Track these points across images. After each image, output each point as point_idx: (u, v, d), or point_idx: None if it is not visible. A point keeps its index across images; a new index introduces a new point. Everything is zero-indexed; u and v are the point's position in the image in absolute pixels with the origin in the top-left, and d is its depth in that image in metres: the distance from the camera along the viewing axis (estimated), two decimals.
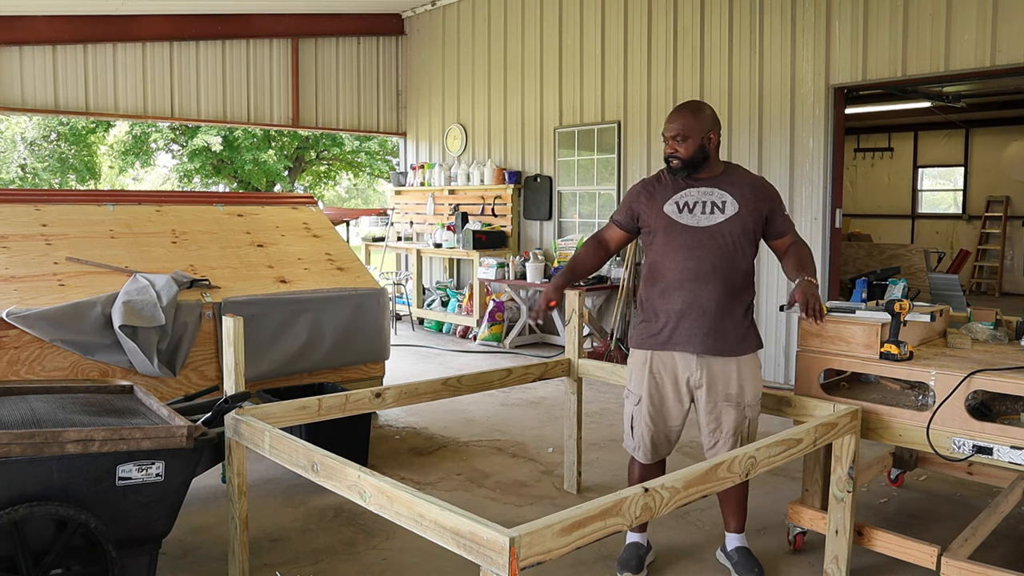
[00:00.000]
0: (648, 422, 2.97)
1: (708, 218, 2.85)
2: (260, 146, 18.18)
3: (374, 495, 2.08)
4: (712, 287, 2.83)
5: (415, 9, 9.71)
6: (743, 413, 2.87)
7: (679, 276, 2.86)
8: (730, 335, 2.86)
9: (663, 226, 2.89)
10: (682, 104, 2.94)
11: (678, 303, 2.86)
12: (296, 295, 4.66)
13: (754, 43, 6.33)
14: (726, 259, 2.84)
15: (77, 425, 2.55)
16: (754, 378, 2.91)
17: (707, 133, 2.84)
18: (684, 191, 2.89)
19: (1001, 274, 12.63)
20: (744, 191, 2.87)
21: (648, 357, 2.95)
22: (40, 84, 7.95)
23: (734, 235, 2.84)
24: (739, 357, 2.87)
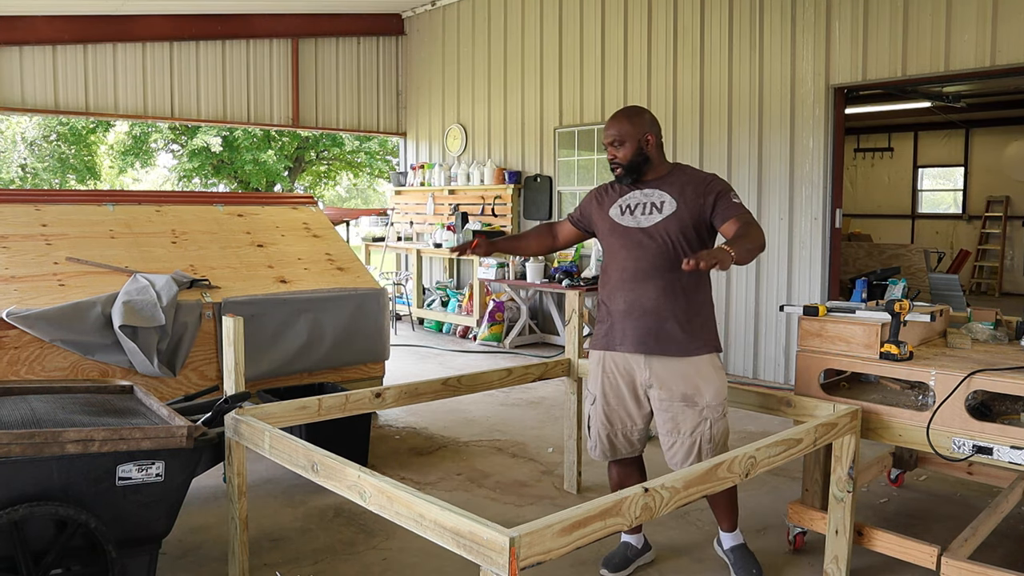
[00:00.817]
0: (603, 421, 2.97)
1: (647, 219, 2.84)
2: (260, 146, 18.19)
3: (374, 495, 2.08)
4: (651, 286, 2.80)
5: (415, 9, 9.71)
6: (701, 415, 2.80)
7: (620, 277, 2.87)
8: (675, 335, 2.79)
9: (607, 229, 2.93)
10: (617, 111, 2.97)
11: (621, 303, 2.86)
12: (296, 295, 4.66)
13: (754, 43, 6.33)
14: (665, 258, 2.80)
15: (77, 425, 2.54)
16: (713, 379, 2.82)
17: (643, 136, 2.86)
18: (629, 194, 2.93)
19: (1001, 274, 12.63)
20: (684, 189, 2.84)
21: (601, 357, 2.96)
22: (40, 84, 7.96)
23: (672, 234, 2.80)
24: (690, 358, 2.80)
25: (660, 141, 2.93)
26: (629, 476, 3.09)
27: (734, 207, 2.79)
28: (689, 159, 6.85)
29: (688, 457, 2.82)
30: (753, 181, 6.40)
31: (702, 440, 2.81)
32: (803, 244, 6.11)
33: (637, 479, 3.07)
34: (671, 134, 6.98)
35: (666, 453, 2.90)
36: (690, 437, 2.81)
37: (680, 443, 2.83)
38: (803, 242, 6.11)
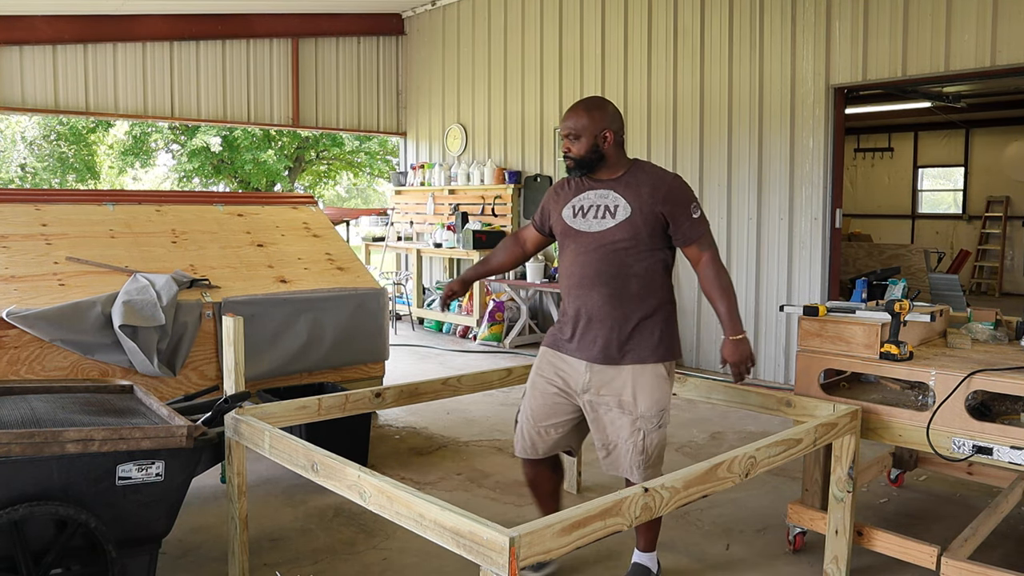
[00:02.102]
0: (529, 416, 2.89)
1: (599, 223, 2.72)
2: (260, 146, 18.18)
3: (374, 495, 2.08)
4: (598, 293, 2.71)
5: (415, 9, 9.71)
6: (635, 424, 2.69)
7: (568, 281, 2.79)
8: (616, 343, 2.70)
9: (560, 230, 2.83)
10: (578, 101, 2.81)
11: (570, 308, 2.80)
12: (296, 295, 4.66)
13: (754, 43, 6.33)
14: (612, 264, 2.69)
15: (77, 425, 2.54)
16: (652, 390, 2.70)
17: (601, 132, 2.70)
18: (583, 194, 2.79)
19: (1001, 274, 12.63)
20: (641, 192, 2.69)
21: (543, 353, 2.91)
22: (40, 84, 7.95)
23: (622, 241, 2.68)
24: (630, 366, 2.70)
25: (620, 138, 2.76)
26: (542, 472, 3.00)
27: (693, 227, 2.72)
28: (689, 159, 6.85)
29: (620, 466, 2.74)
30: (753, 181, 6.40)
31: (634, 451, 2.70)
32: (803, 244, 6.11)
33: (550, 475, 3.02)
34: (671, 134, 6.98)
35: (601, 461, 2.81)
36: (624, 445, 2.71)
37: (612, 452, 2.75)
38: (803, 242, 6.11)
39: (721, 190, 6.63)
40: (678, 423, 5.18)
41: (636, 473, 2.71)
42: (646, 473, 2.72)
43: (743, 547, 3.31)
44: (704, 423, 5.18)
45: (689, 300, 6.93)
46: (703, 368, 6.81)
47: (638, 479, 2.69)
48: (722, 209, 6.63)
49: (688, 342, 6.97)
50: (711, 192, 6.71)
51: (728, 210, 6.59)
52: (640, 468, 2.71)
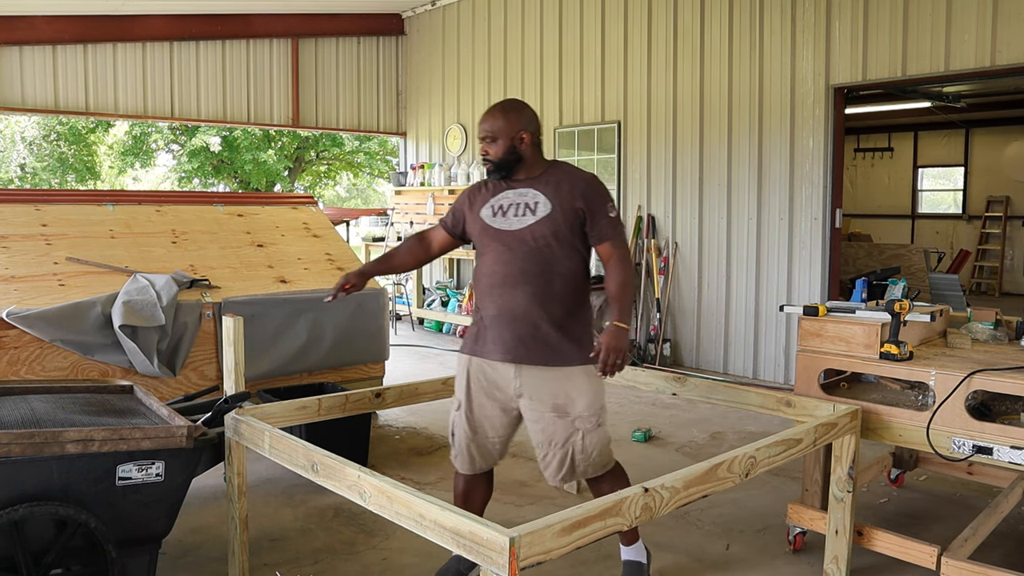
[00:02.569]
0: (466, 429, 2.79)
1: (519, 220, 2.70)
2: (260, 146, 18.18)
3: (374, 495, 2.08)
4: (521, 292, 2.65)
5: (415, 9, 9.71)
6: (573, 425, 2.65)
7: (489, 281, 2.73)
8: (546, 344, 2.65)
9: (479, 230, 2.78)
10: (495, 104, 2.80)
11: (491, 308, 2.72)
12: (296, 295, 4.66)
13: (754, 43, 6.33)
14: (536, 263, 2.66)
15: (77, 425, 2.54)
16: (586, 390, 2.67)
17: (518, 134, 2.70)
18: (502, 194, 2.77)
19: (1001, 274, 12.63)
20: (560, 189, 2.70)
21: (468, 362, 2.80)
22: (40, 84, 7.95)
23: (545, 237, 2.66)
24: (562, 368, 2.66)
25: (538, 139, 2.77)
26: (476, 486, 2.91)
27: (610, 225, 2.71)
28: (689, 159, 6.85)
29: (561, 469, 2.69)
30: (753, 181, 6.40)
31: (574, 451, 2.67)
32: (803, 244, 6.11)
33: (483, 490, 2.93)
34: (671, 134, 6.98)
35: (540, 463, 2.76)
36: (562, 448, 2.67)
37: (552, 454, 2.69)
38: (803, 242, 6.11)
39: (721, 190, 6.63)
40: (678, 423, 5.18)
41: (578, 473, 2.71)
42: (587, 472, 2.73)
43: (743, 547, 3.31)
44: (704, 423, 5.18)
45: (689, 300, 6.93)
46: (703, 368, 6.82)
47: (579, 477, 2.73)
48: (722, 209, 6.63)
49: (688, 342, 6.97)
50: (711, 192, 6.71)
51: (728, 210, 6.59)
52: (581, 467, 2.69)
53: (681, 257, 6.98)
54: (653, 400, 5.71)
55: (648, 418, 5.29)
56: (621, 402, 5.70)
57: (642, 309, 7.22)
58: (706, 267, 6.80)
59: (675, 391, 3.39)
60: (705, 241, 6.79)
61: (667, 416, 5.36)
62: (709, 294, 6.80)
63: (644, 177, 7.25)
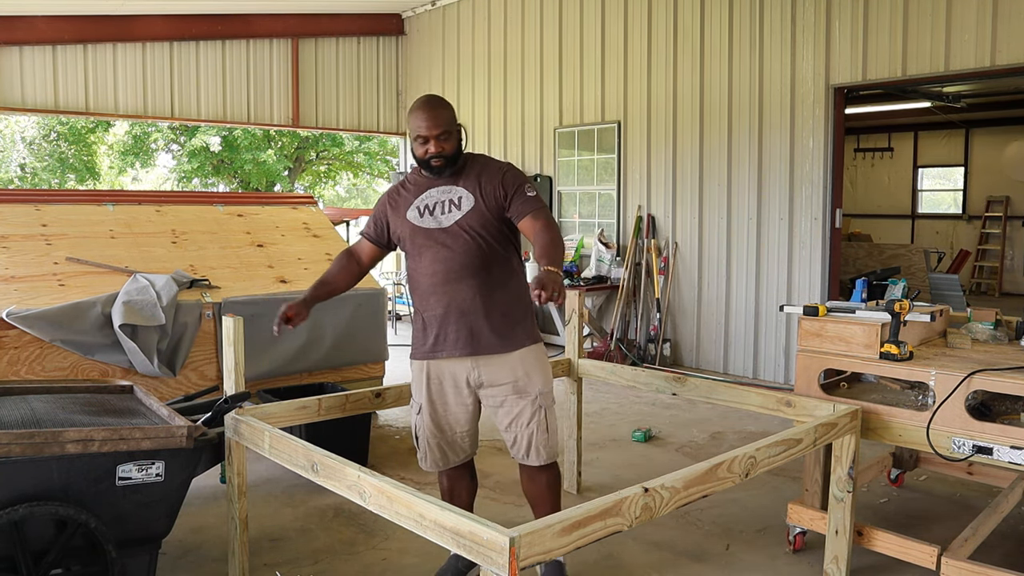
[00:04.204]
0: (431, 429, 2.84)
1: (448, 217, 2.71)
2: (260, 146, 18.17)
3: (374, 495, 2.08)
4: (466, 286, 2.69)
5: (415, 9, 9.71)
6: (535, 403, 2.74)
7: (431, 281, 2.74)
8: (496, 332, 2.71)
9: (408, 233, 2.77)
10: (430, 99, 2.73)
11: (437, 308, 2.73)
12: (296, 295, 4.63)
13: (754, 43, 6.33)
14: (474, 255, 2.69)
15: (77, 425, 2.54)
16: (540, 367, 2.78)
17: (458, 126, 2.74)
18: (424, 193, 2.77)
19: (1001, 274, 12.63)
20: (480, 179, 2.73)
21: (424, 365, 2.82)
22: (40, 84, 7.95)
23: (475, 229, 2.69)
24: (515, 352, 2.73)
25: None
26: (460, 481, 2.97)
27: (530, 201, 2.72)
28: (689, 159, 6.85)
29: (530, 448, 2.76)
30: (753, 181, 6.40)
31: (538, 430, 2.75)
32: (803, 244, 6.11)
33: (468, 484, 2.99)
34: (671, 134, 6.98)
35: (511, 449, 2.82)
36: (527, 427, 2.75)
37: (521, 435, 2.76)
38: (803, 242, 6.11)
39: (721, 190, 6.63)
40: (678, 423, 5.18)
41: (544, 452, 2.76)
42: (551, 451, 2.79)
43: (743, 547, 3.31)
44: (704, 423, 5.18)
45: (689, 300, 6.93)
46: (703, 368, 6.81)
47: (545, 459, 2.77)
48: (722, 209, 6.63)
49: (688, 342, 6.97)
50: (711, 192, 6.71)
51: (728, 210, 6.59)
52: (545, 447, 2.76)
53: (681, 257, 6.98)
54: (653, 400, 5.71)
55: (648, 418, 5.29)
56: (621, 402, 5.70)
57: (642, 309, 7.22)
58: (706, 267, 6.80)
59: (675, 391, 3.39)
60: (705, 241, 6.79)
61: (667, 416, 5.36)
62: (709, 294, 6.80)
63: (644, 177, 7.25)
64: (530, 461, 2.79)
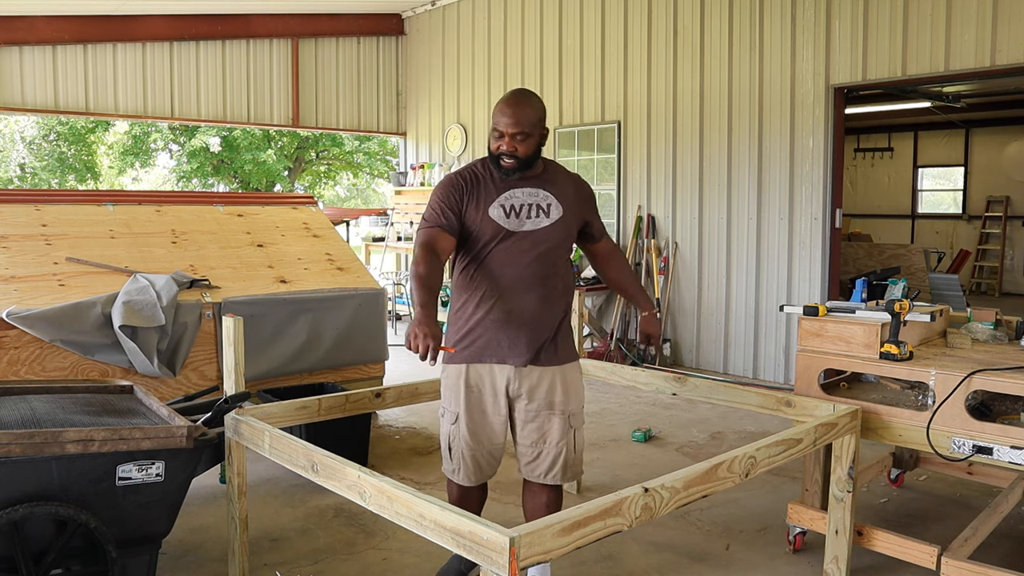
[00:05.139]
0: (469, 441, 2.68)
1: (533, 222, 2.62)
2: (260, 146, 18.17)
3: (374, 495, 2.08)
4: (534, 295, 2.63)
5: (415, 9, 9.71)
6: (568, 423, 2.67)
7: (497, 283, 2.62)
8: (551, 344, 2.67)
9: (489, 231, 2.60)
10: (518, 94, 2.58)
11: (498, 312, 2.62)
12: (296, 295, 4.65)
13: (754, 43, 6.33)
14: (547, 265, 2.65)
15: (77, 425, 2.54)
16: (577, 386, 2.73)
17: (543, 129, 2.61)
18: (509, 192, 2.62)
19: (1001, 274, 12.63)
20: (567, 191, 2.68)
21: (464, 371, 2.67)
22: (40, 84, 7.95)
23: (556, 240, 2.65)
24: (561, 366, 2.69)
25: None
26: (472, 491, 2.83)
27: (602, 224, 2.89)
28: (689, 159, 6.85)
29: (554, 467, 2.67)
30: (753, 181, 6.40)
31: (568, 450, 2.67)
32: (803, 244, 6.11)
33: (479, 495, 2.87)
34: (671, 134, 6.98)
35: (527, 466, 2.71)
36: (555, 447, 2.66)
37: (546, 452, 2.67)
38: (803, 242, 6.11)
39: (721, 190, 6.63)
40: (678, 423, 5.18)
41: (569, 472, 2.70)
42: (575, 471, 2.74)
43: (743, 547, 3.31)
44: (704, 423, 5.18)
45: (689, 300, 6.93)
46: (703, 368, 6.81)
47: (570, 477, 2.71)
48: (722, 209, 6.63)
49: (688, 342, 6.97)
50: (711, 192, 6.71)
51: (728, 210, 6.59)
52: (572, 466, 2.71)
53: (681, 257, 6.98)
54: (653, 400, 5.71)
55: (648, 418, 5.29)
56: (621, 402, 5.70)
57: None
58: (706, 267, 6.80)
59: (675, 391, 3.39)
60: (705, 241, 6.79)
61: (667, 416, 5.36)
62: (709, 294, 6.79)
63: (644, 177, 7.25)
64: (548, 480, 2.69)
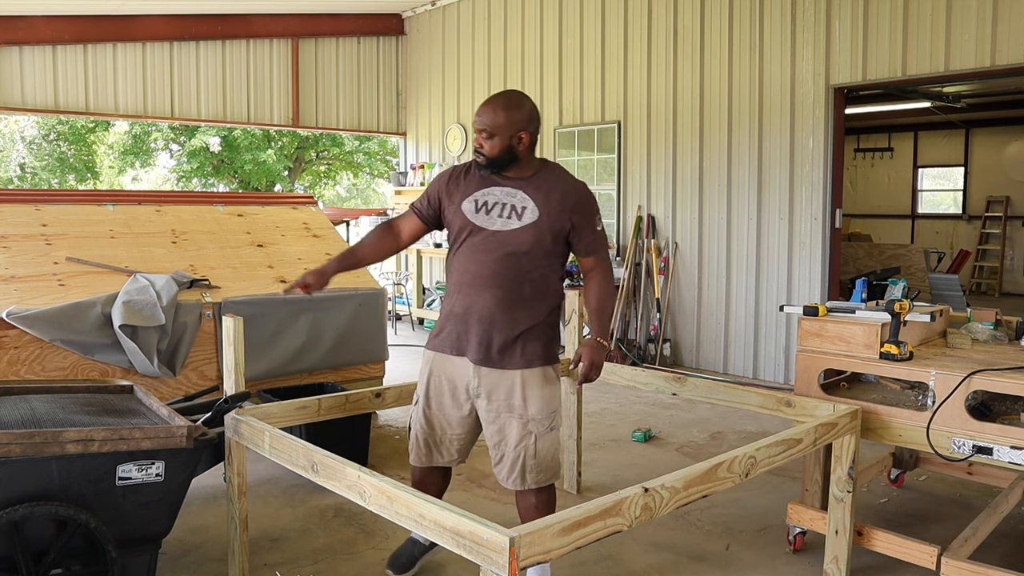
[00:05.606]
0: (423, 423, 2.78)
1: (503, 222, 2.62)
2: (260, 146, 18.17)
3: (374, 495, 2.08)
4: (489, 295, 2.62)
5: (415, 9, 9.71)
6: (526, 428, 2.63)
7: (460, 278, 2.68)
8: (507, 346, 2.63)
9: (458, 224, 2.68)
10: (496, 96, 2.64)
11: (458, 307, 2.68)
12: (296, 295, 4.65)
13: (754, 43, 6.33)
14: (513, 268, 2.61)
15: (77, 425, 2.54)
16: (541, 394, 2.66)
17: (517, 133, 2.58)
18: (487, 188, 2.66)
19: (1001, 274, 12.63)
20: (550, 197, 2.62)
21: (431, 358, 2.77)
22: (40, 84, 7.95)
23: (525, 244, 2.60)
24: (519, 370, 2.64)
25: (535, 139, 2.66)
26: (431, 475, 2.90)
27: (597, 239, 2.72)
28: (689, 159, 6.85)
29: (512, 471, 2.66)
30: (753, 181, 6.40)
31: (526, 455, 2.65)
32: (803, 244, 6.11)
33: (438, 481, 2.92)
34: (671, 134, 6.98)
35: (495, 468, 2.74)
36: (514, 451, 2.65)
37: (506, 456, 2.67)
38: (803, 242, 6.11)
39: (721, 190, 6.63)
40: (678, 423, 5.18)
41: (529, 478, 2.66)
42: (539, 477, 2.68)
43: (743, 547, 3.31)
44: (704, 423, 5.18)
45: (689, 300, 6.93)
46: (703, 368, 6.81)
47: (531, 484, 2.67)
48: (722, 209, 6.63)
49: (688, 342, 6.97)
50: (711, 192, 6.71)
51: (728, 210, 6.59)
52: (533, 472, 2.66)
53: (681, 257, 6.98)
54: (653, 400, 5.71)
55: (648, 418, 5.29)
56: (621, 402, 5.70)
57: (642, 309, 7.22)
58: (706, 267, 6.80)
59: (675, 391, 3.40)
60: (705, 241, 6.79)
61: (667, 416, 5.36)
62: (709, 294, 6.80)
63: (644, 177, 7.25)
64: (510, 484, 2.70)
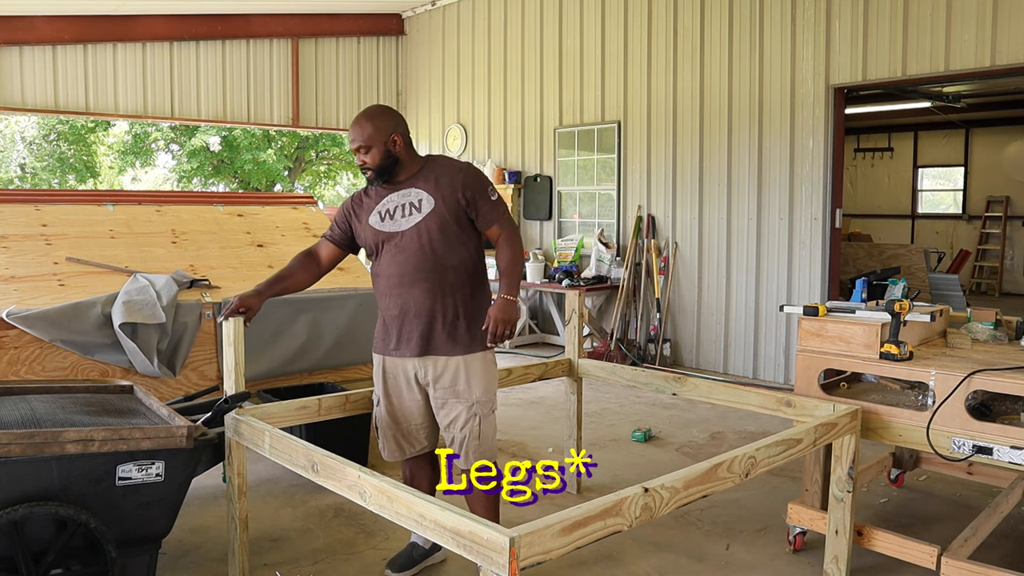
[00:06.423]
0: (388, 421, 2.97)
1: (407, 220, 2.81)
2: (260, 146, 18.17)
3: (374, 495, 2.08)
4: (419, 289, 2.80)
5: (415, 9, 9.71)
6: (471, 410, 2.83)
7: (387, 282, 2.86)
8: (445, 335, 2.82)
9: (371, 239, 2.88)
10: (359, 114, 2.84)
11: (393, 308, 2.86)
12: (296, 295, 4.65)
13: (754, 43, 6.33)
14: (431, 259, 2.79)
15: (77, 425, 2.54)
16: (483, 375, 2.86)
17: (390, 137, 2.79)
18: (386, 198, 2.87)
19: (1001, 274, 12.63)
20: (440, 183, 2.81)
21: (381, 361, 2.96)
22: (40, 84, 7.95)
23: (432, 232, 2.78)
24: (461, 356, 2.83)
25: (408, 139, 2.86)
26: (420, 471, 3.06)
27: (495, 208, 2.85)
28: (689, 159, 6.85)
29: (461, 451, 2.85)
30: (753, 181, 6.40)
31: (469, 436, 2.84)
32: (803, 244, 6.12)
33: (428, 475, 3.07)
34: (671, 134, 6.98)
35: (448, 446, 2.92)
36: (460, 432, 2.84)
37: (457, 437, 2.85)
38: (803, 242, 6.11)
39: (721, 190, 6.63)
40: (678, 423, 5.18)
41: (471, 457, 2.84)
42: (479, 456, 2.86)
43: (743, 547, 3.31)
44: (704, 423, 5.18)
45: (689, 300, 6.93)
46: (703, 368, 6.81)
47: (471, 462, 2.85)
48: (722, 209, 6.63)
49: (688, 342, 6.97)
50: (711, 192, 6.71)
51: (728, 210, 6.59)
52: (475, 453, 2.84)
53: (681, 257, 6.98)
54: (653, 400, 5.71)
55: (648, 418, 5.30)
56: (621, 402, 5.70)
57: (642, 309, 7.23)
58: (706, 267, 6.81)
59: (675, 391, 3.40)
60: (705, 241, 6.79)
61: (667, 416, 5.36)
62: (709, 294, 6.80)
63: (644, 177, 7.25)
64: (459, 464, 2.89)
